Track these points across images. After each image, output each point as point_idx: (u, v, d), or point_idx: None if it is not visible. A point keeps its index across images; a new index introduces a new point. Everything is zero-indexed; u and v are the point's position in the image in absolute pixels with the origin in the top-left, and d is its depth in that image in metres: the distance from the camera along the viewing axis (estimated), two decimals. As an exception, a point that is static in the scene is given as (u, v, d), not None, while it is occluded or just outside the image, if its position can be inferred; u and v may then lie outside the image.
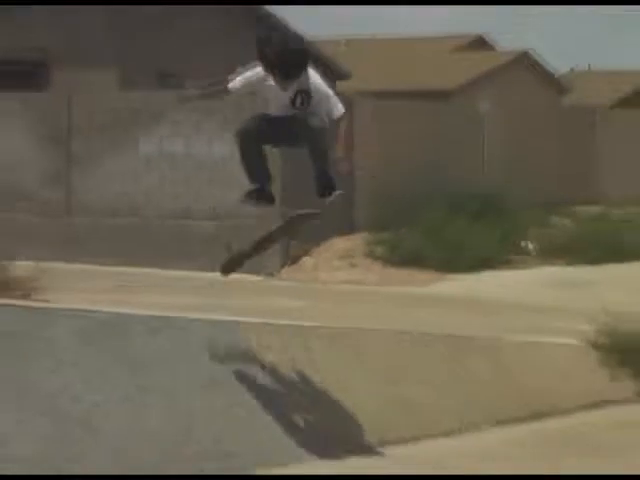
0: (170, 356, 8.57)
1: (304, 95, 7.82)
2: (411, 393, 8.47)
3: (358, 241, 19.01)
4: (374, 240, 18.94)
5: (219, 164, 18.88)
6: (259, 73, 7.94)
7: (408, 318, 9.78)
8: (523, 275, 17.30)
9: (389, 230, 18.82)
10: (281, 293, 15.02)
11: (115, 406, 7.90)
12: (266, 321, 9.23)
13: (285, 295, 14.58)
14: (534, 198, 21.55)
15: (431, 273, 17.12)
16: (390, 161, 20.26)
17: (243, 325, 9.36)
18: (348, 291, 15.62)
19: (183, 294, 12.87)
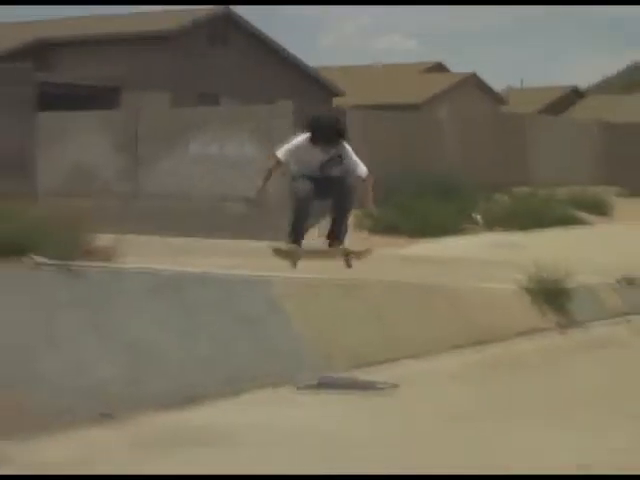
0: (215, 302, 8.53)
1: (338, 158, 7.82)
2: (391, 326, 8.50)
3: (350, 216, 19.00)
4: (362, 215, 18.95)
5: (246, 162, 18.95)
6: (299, 142, 7.81)
7: (389, 272, 9.82)
8: (473, 239, 17.33)
9: (375, 207, 18.83)
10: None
11: (174, 340, 7.93)
12: (285, 275, 9.20)
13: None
14: (481, 182, 21.55)
15: (405, 239, 17.12)
16: (374, 156, 20.17)
17: (269, 279, 9.31)
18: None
19: (222, 256, 12.85)
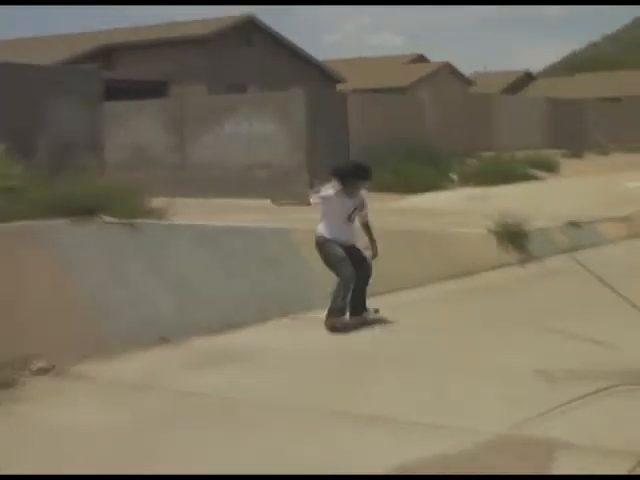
0: (246, 248, 8.45)
1: (362, 204, 7.41)
2: (387, 264, 8.43)
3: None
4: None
5: (270, 138, 18.89)
6: (328, 192, 7.35)
7: (384, 221, 9.73)
8: (450, 194, 17.17)
9: (372, 170, 18.74)
10: (310, 211, 14.97)
11: (215, 279, 7.86)
12: (300, 227, 9.15)
13: (313, 211, 14.53)
14: (455, 149, 21.41)
15: (396, 195, 16.97)
16: (371, 131, 20.14)
17: (288, 230, 9.23)
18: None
19: (251, 213, 12.82)
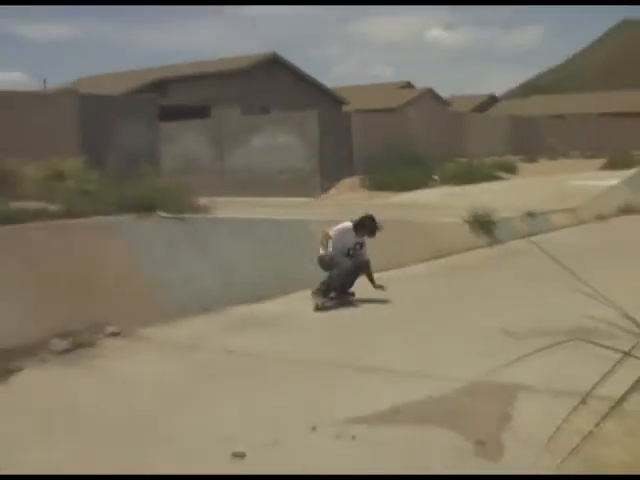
0: (274, 236, 8.29)
1: (363, 243, 7.25)
2: (383, 247, 8.35)
3: (356, 180, 18.76)
4: (363, 179, 18.79)
5: (290, 149, 18.77)
6: (345, 232, 7.18)
7: (382, 213, 9.61)
8: (434, 191, 16.96)
9: (370, 174, 18.61)
10: (322, 205, 14.88)
11: (249, 261, 7.77)
12: (315, 219, 9.10)
13: (324, 207, 14.43)
14: (436, 156, 21.19)
15: (390, 193, 16.86)
16: (371, 143, 19.99)
17: (306, 221, 9.16)
18: (353, 203, 15.43)
19: (277, 208, 12.78)
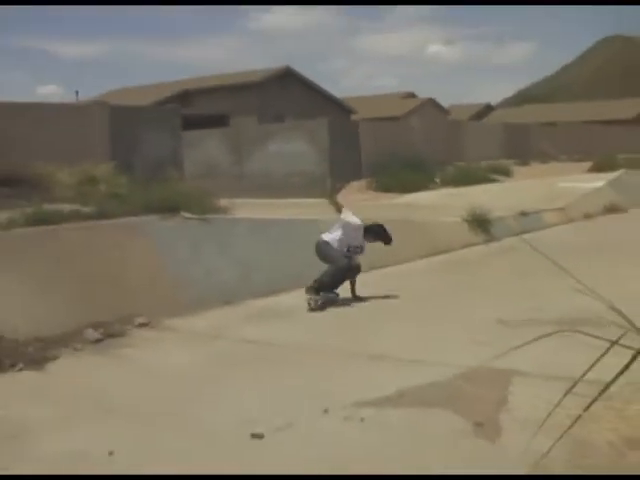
0: (287, 234, 8.38)
1: (363, 247, 7.10)
2: (383, 245, 8.30)
3: (364, 182, 18.72)
4: (370, 181, 18.77)
5: (302, 154, 18.78)
6: (359, 229, 7.02)
7: (387, 212, 9.55)
8: (435, 193, 16.86)
9: (377, 177, 18.58)
10: (330, 208, 14.83)
11: (264, 257, 7.79)
12: (325, 219, 9.04)
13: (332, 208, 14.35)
14: (437, 160, 21.13)
15: (395, 194, 16.80)
16: (377, 149, 19.99)
17: (317, 220, 9.05)
18: (362, 204, 15.36)
19: (290, 209, 12.76)
